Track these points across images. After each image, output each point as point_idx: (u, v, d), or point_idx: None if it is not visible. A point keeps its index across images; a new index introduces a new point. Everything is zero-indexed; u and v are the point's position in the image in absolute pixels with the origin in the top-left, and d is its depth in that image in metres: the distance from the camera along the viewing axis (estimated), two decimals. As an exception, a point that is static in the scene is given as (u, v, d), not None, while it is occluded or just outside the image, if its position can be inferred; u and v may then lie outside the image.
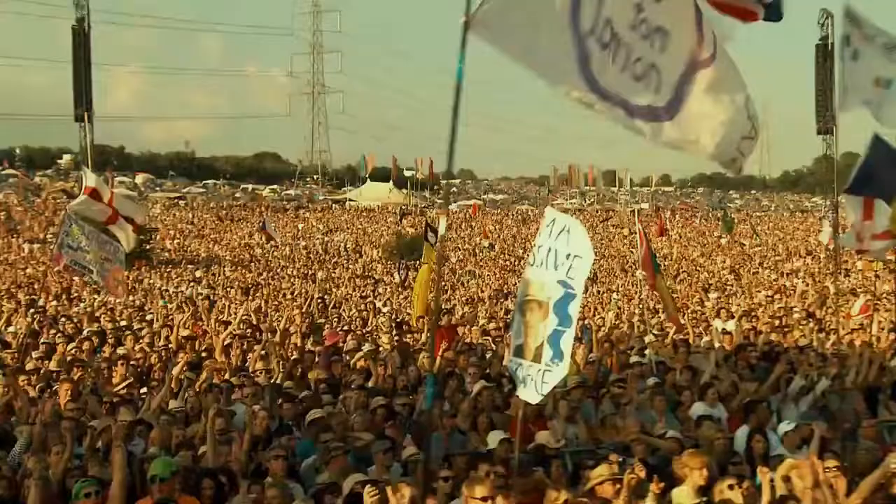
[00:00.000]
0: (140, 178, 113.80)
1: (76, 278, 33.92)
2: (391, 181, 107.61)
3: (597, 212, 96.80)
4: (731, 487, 8.97)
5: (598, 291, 40.46)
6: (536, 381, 8.47)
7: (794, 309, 29.73)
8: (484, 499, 7.92)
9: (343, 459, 10.50)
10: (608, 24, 6.78)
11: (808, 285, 40.68)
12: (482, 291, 41.36)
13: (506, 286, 42.49)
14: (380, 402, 13.02)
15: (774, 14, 8.20)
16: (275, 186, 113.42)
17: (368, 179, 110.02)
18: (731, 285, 43.42)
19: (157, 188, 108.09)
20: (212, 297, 37.49)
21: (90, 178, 20.23)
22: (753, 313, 29.31)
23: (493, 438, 10.42)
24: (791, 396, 13.73)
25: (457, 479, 9.43)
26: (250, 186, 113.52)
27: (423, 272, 24.63)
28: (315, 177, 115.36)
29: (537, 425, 12.01)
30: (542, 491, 8.68)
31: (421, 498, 7.58)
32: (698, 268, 52.69)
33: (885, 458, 10.05)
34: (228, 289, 41.99)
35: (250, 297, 38.47)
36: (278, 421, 12.93)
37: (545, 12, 6.45)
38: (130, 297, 36.23)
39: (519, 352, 8.63)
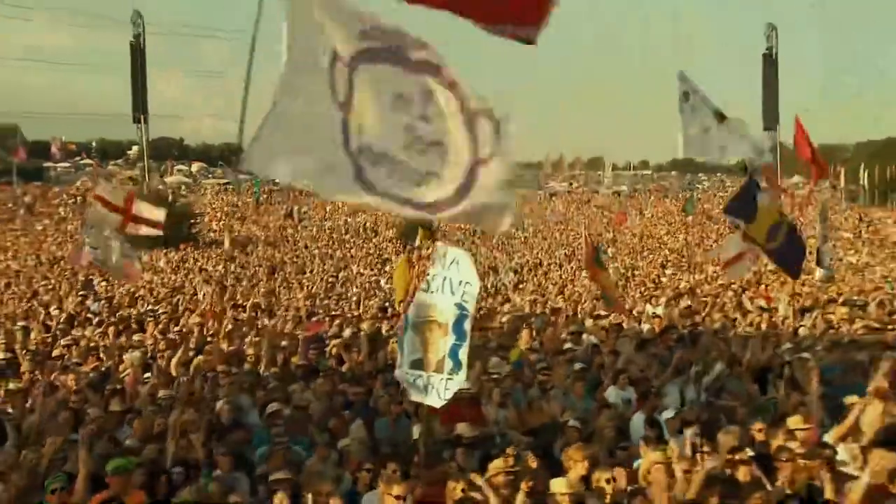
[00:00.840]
0: (195, 167, 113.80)
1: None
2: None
3: (582, 193, 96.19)
4: (607, 481, 8.86)
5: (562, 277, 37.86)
6: (439, 389, 8.50)
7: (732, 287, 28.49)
8: (398, 497, 8.08)
9: (286, 452, 10.30)
10: (372, 151, 6.86)
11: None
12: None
13: (495, 261, 41.84)
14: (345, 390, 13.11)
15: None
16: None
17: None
18: (686, 262, 42.48)
19: (210, 175, 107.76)
20: (233, 279, 36.13)
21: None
22: (699, 290, 28.92)
23: (416, 430, 10.35)
24: (691, 379, 13.54)
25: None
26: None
27: (402, 260, 24.25)
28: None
29: (472, 411, 11.48)
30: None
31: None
32: (661, 245, 51.91)
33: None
34: (257, 268, 40.83)
35: (276, 276, 37.80)
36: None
37: (317, 139, 6.55)
38: (173, 277, 36.74)
39: (418, 365, 8.63)
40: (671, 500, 8.37)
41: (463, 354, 8.42)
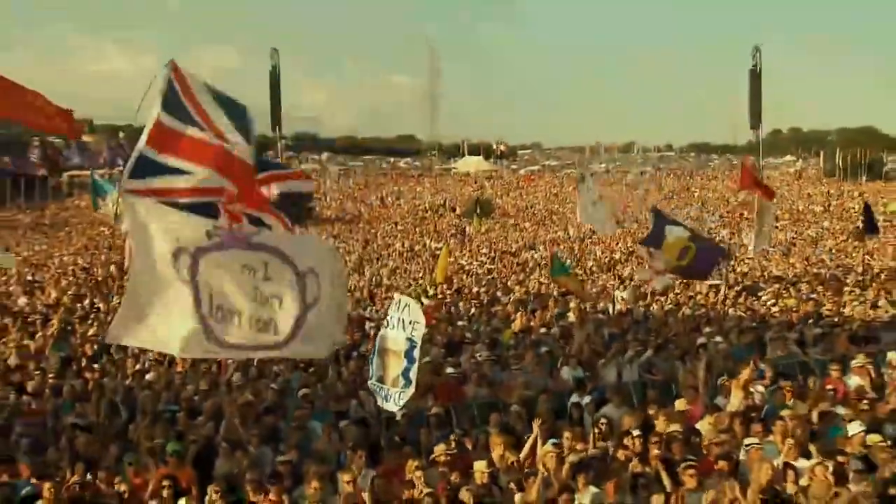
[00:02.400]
0: (325, 156, 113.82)
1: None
2: (481, 155, 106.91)
3: (616, 173, 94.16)
4: (513, 462, 8.84)
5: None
6: (395, 398, 8.84)
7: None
8: (348, 482, 8.05)
9: (300, 433, 10.04)
10: (220, 309, 7.31)
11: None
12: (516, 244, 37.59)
13: (535, 239, 39.41)
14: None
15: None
16: (408, 159, 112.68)
17: (467, 153, 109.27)
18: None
19: (334, 163, 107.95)
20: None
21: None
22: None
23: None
24: (626, 361, 13.13)
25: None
26: (392, 159, 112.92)
27: (445, 248, 24.10)
28: (433, 152, 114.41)
29: (456, 390, 12.02)
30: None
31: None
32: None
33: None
34: (355, 241, 39.50)
35: (368, 247, 36.88)
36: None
37: (168, 312, 7.00)
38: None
39: (382, 380, 8.94)
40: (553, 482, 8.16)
41: (412, 374, 8.72)
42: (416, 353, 8.72)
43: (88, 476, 8.58)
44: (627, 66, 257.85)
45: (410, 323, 8.73)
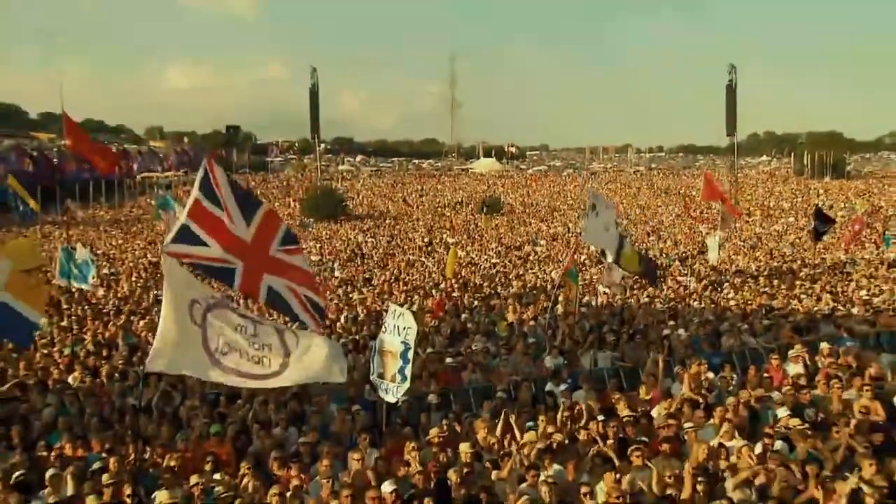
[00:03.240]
0: (359, 158, 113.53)
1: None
2: (494, 156, 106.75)
3: (613, 172, 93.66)
4: (492, 444, 8.96)
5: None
6: (393, 391, 9.13)
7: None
8: (357, 460, 8.26)
9: (320, 416, 10.18)
10: (226, 345, 7.93)
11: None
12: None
13: (538, 234, 39.08)
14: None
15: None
16: (431, 160, 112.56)
17: (482, 155, 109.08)
18: (665, 230, 38.43)
19: (367, 164, 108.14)
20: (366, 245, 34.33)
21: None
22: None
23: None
24: (601, 350, 13.19)
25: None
26: (417, 161, 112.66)
27: (454, 247, 24.16)
28: (453, 155, 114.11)
29: (454, 376, 12.13)
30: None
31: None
32: (654, 215, 47.90)
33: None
34: (382, 236, 39.05)
35: (393, 240, 36.46)
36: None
37: (190, 346, 7.42)
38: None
39: (382, 376, 9.21)
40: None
41: (407, 371, 9.01)
42: (410, 354, 8.96)
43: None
44: (626, 77, 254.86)
45: (404, 329, 8.97)
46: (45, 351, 14.15)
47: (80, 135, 11.43)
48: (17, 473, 7.94)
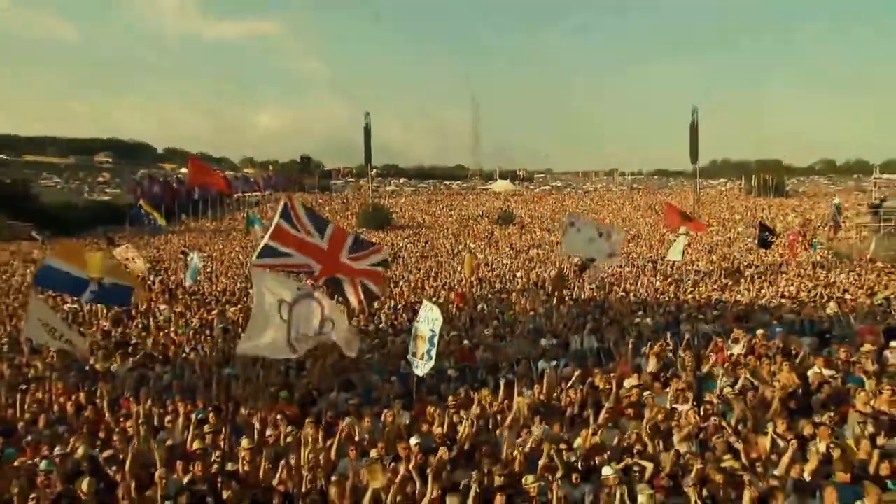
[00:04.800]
0: (402, 180, 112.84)
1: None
2: (508, 178, 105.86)
3: (602, 191, 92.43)
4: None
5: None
6: (421, 367, 9.05)
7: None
8: (391, 419, 8.34)
9: (364, 381, 10.42)
10: (299, 334, 7.84)
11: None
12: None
13: (541, 240, 38.20)
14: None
15: None
16: (459, 182, 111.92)
17: (499, 177, 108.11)
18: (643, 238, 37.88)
19: (408, 185, 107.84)
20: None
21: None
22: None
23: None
24: (586, 333, 13.02)
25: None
26: (448, 182, 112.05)
27: (469, 255, 23.88)
28: (476, 177, 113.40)
29: (471, 354, 12.15)
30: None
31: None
32: (633, 224, 47.22)
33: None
34: (418, 243, 38.27)
35: (427, 246, 36.02)
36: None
37: (274, 337, 7.53)
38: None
39: (414, 355, 9.15)
40: None
41: (433, 353, 8.89)
42: (436, 339, 8.89)
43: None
44: (614, 114, 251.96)
45: (433, 320, 8.91)
46: (165, 331, 14.48)
47: (200, 165, 11.86)
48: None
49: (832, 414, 7.84)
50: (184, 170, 60.95)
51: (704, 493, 6.18)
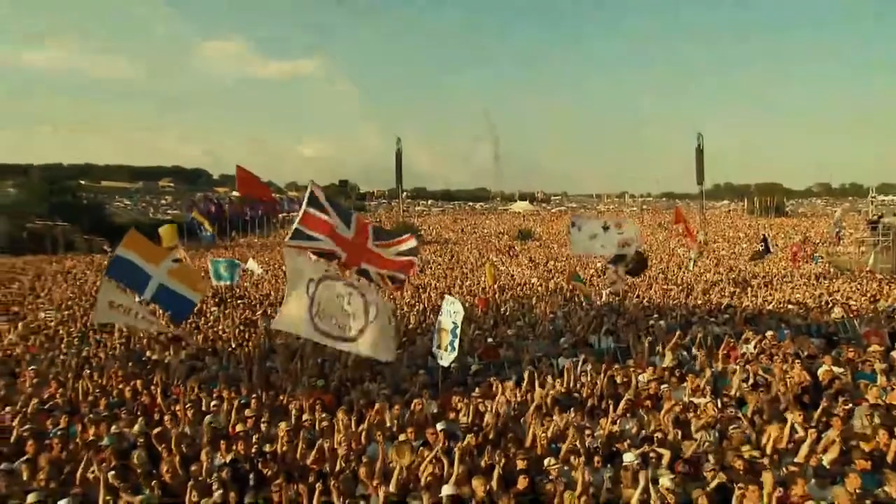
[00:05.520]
0: (430, 202, 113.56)
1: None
2: (527, 200, 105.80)
3: (615, 212, 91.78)
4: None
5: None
6: (445, 357, 8.88)
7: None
8: (419, 408, 8.02)
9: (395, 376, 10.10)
10: (321, 312, 7.79)
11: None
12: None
13: (557, 254, 37.74)
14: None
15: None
16: (482, 203, 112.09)
17: (518, 199, 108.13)
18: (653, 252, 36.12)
19: (436, 206, 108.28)
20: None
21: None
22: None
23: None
24: (603, 334, 12.73)
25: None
26: (471, 203, 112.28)
27: (489, 264, 23.70)
28: (497, 199, 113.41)
29: (494, 351, 11.85)
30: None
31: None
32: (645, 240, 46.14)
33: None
34: (444, 256, 38.16)
35: (453, 259, 35.21)
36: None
37: (301, 313, 7.30)
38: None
39: (439, 346, 8.98)
40: None
41: (455, 344, 8.74)
42: (458, 331, 8.71)
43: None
44: (624, 140, 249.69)
45: (455, 313, 8.77)
46: (214, 329, 14.50)
47: (247, 174, 11.68)
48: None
49: (846, 406, 7.32)
50: (235, 193, 61.84)
51: (724, 478, 5.74)
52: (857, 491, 5.31)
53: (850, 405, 7.35)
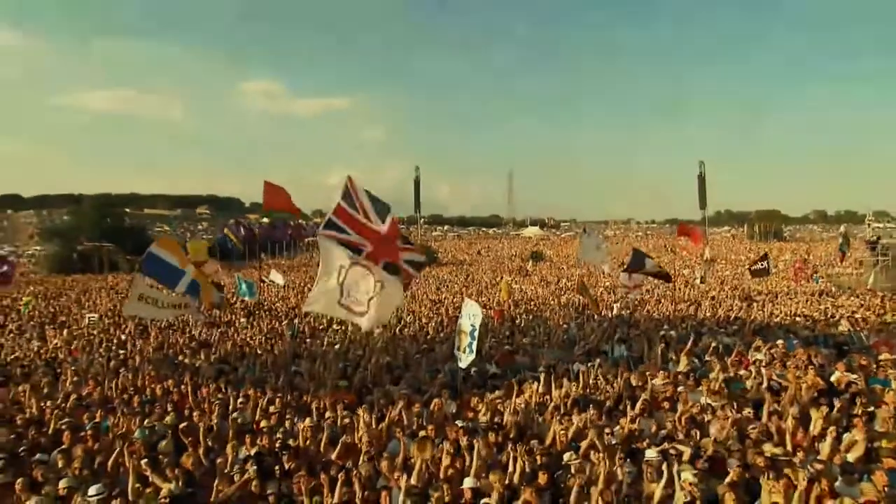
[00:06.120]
0: (446, 227, 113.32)
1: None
2: (538, 226, 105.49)
3: (621, 238, 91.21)
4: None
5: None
6: (463, 359, 8.58)
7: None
8: (439, 408, 7.77)
9: (414, 379, 9.86)
10: (349, 294, 7.53)
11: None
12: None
13: (567, 273, 37.62)
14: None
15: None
16: (495, 228, 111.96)
17: (529, 225, 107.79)
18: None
19: (452, 232, 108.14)
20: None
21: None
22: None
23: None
24: (616, 343, 12.23)
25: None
26: (485, 229, 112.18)
27: (505, 280, 23.47)
28: (509, 224, 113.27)
29: (511, 357, 11.44)
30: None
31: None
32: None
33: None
34: (459, 276, 37.65)
35: (468, 280, 34.73)
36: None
37: (332, 297, 7.08)
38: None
39: (458, 348, 8.71)
40: None
41: (473, 346, 8.42)
42: (476, 333, 8.41)
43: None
44: (628, 171, 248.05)
45: (473, 315, 8.50)
46: (243, 336, 14.36)
47: (274, 187, 11.79)
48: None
49: (868, 408, 6.85)
50: (266, 220, 62.35)
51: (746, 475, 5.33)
52: (885, 488, 4.86)
53: (871, 408, 6.85)
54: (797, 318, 15.38)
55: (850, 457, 5.61)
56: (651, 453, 5.73)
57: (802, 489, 4.71)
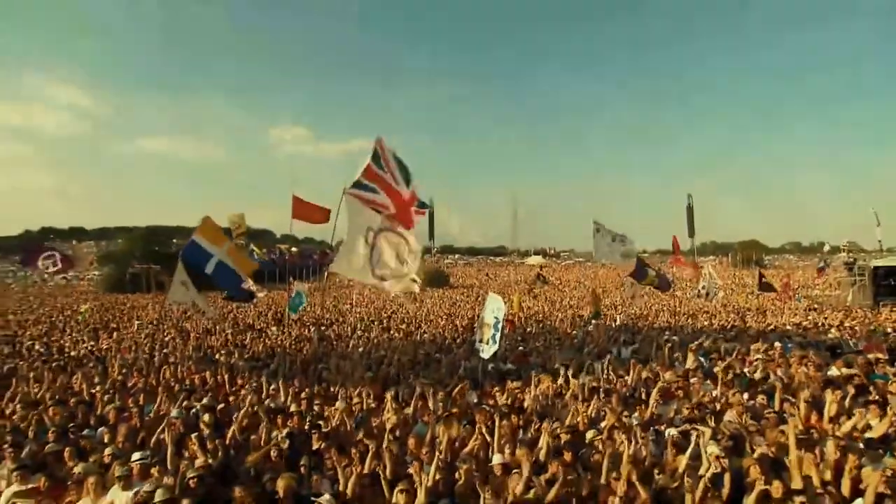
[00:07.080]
0: (457, 256, 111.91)
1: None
2: (541, 255, 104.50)
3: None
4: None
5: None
6: (486, 350, 8.21)
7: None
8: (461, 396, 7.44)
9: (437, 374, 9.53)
10: (379, 259, 7.21)
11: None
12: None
13: (569, 295, 37.45)
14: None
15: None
16: (501, 257, 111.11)
17: (533, 254, 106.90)
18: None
19: (462, 260, 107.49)
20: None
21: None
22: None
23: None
24: (621, 347, 11.85)
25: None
26: (492, 257, 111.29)
27: (518, 293, 23.05)
28: (514, 253, 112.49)
29: (524, 357, 11.11)
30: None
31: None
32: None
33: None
34: (470, 297, 36.49)
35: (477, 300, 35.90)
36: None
37: (360, 260, 6.75)
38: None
39: (481, 340, 8.34)
40: None
41: (497, 337, 8.08)
42: (499, 325, 8.05)
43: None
44: (619, 204, 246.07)
45: (497, 309, 8.16)
46: (275, 339, 14.17)
47: (302, 201, 11.45)
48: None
49: (877, 396, 6.34)
50: (294, 249, 62.58)
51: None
52: (911, 462, 4.36)
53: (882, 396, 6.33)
54: (788, 328, 14.74)
55: (873, 433, 5.10)
56: (673, 431, 5.26)
57: (832, 458, 4.23)
